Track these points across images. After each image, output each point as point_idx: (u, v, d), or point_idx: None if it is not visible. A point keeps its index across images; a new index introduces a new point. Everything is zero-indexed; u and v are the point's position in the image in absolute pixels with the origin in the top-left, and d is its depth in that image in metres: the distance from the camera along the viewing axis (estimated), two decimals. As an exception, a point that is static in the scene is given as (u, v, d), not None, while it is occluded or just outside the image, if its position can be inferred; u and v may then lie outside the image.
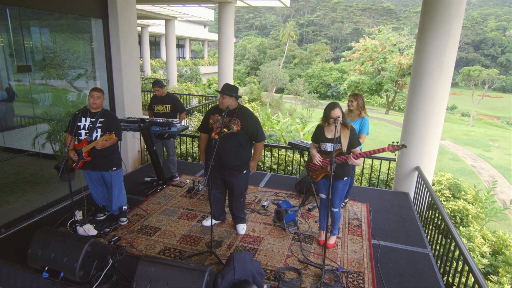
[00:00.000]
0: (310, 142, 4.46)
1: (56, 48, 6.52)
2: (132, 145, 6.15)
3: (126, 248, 3.39)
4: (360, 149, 3.39)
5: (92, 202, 4.14)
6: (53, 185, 5.49)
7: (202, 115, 9.86)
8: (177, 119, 4.77)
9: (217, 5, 10.74)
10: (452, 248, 3.33)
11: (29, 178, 5.98)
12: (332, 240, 3.59)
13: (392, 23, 54.50)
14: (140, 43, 24.81)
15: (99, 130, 3.65)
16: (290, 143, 4.50)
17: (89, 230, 3.59)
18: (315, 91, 37.09)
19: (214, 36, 34.16)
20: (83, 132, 3.65)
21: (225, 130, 3.36)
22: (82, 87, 6.36)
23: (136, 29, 6.11)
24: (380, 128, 22.20)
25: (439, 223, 3.89)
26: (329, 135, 3.30)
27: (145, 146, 5.89)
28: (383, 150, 3.21)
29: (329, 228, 3.71)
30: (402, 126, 5.17)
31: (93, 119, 3.63)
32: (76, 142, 3.75)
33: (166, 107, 4.97)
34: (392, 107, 34.09)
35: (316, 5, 72.60)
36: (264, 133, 3.64)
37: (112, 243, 3.46)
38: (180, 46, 32.93)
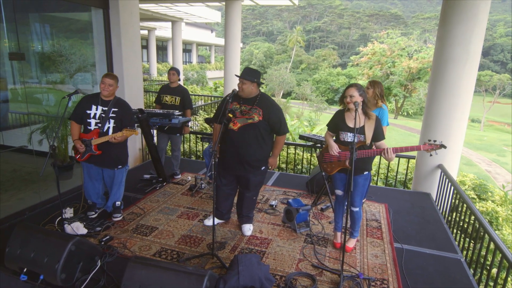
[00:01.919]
0: (322, 135, 4.09)
1: (60, 47, 6.29)
2: (132, 142, 5.82)
3: (117, 249, 3.02)
4: None
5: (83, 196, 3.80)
6: (49, 184, 5.21)
7: (208, 115, 9.54)
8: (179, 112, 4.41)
9: (223, 4, 10.52)
10: (484, 252, 2.92)
11: (25, 177, 5.73)
12: (351, 243, 3.18)
13: (400, 29, 54.09)
14: (147, 46, 24.81)
15: (111, 121, 3.30)
16: (301, 136, 4.12)
17: (78, 228, 3.23)
18: (322, 96, 36.67)
19: (221, 41, 34.10)
20: (93, 121, 3.30)
21: (230, 115, 2.98)
22: (87, 88, 6.11)
23: (138, 21, 5.82)
24: (389, 132, 21.68)
25: (468, 225, 3.46)
26: (351, 123, 2.89)
27: (146, 144, 5.57)
28: (418, 148, 2.78)
29: (347, 229, 3.31)
30: (423, 120, 4.77)
31: (106, 108, 3.29)
32: (82, 131, 3.41)
33: (175, 99, 4.62)
34: (400, 113, 33.49)
35: (323, 11, 72.58)
36: (287, 126, 3.26)
37: (102, 243, 3.10)
38: (187, 50, 32.93)
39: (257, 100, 3.11)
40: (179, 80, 4.70)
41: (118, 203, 3.60)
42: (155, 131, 5.23)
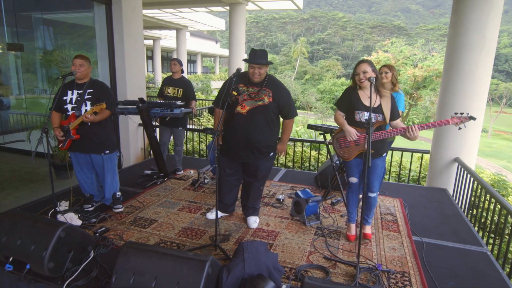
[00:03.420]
0: (332, 125, 3.87)
1: (67, 57, 6.25)
2: (134, 141, 5.66)
3: (113, 240, 2.80)
4: None
5: (80, 193, 3.59)
6: (47, 183, 5.08)
7: (211, 117, 9.38)
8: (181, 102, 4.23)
9: (227, 8, 10.53)
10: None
11: (23, 176, 5.65)
12: (368, 229, 2.93)
13: (404, 40, 54.26)
14: (152, 57, 25.04)
15: (88, 103, 3.13)
16: (309, 126, 3.90)
17: (71, 219, 3.01)
18: (327, 103, 36.45)
19: (225, 52, 34.28)
20: (69, 106, 3.12)
21: (234, 93, 2.77)
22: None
23: (141, 18, 5.73)
24: (396, 139, 21.32)
25: (492, 218, 3.21)
26: (367, 101, 2.67)
27: (148, 142, 5.39)
28: (446, 122, 2.53)
29: (358, 218, 3.06)
30: (436, 112, 4.55)
31: (81, 91, 3.12)
32: (63, 119, 3.24)
33: (178, 91, 4.45)
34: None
35: (326, 23, 73.23)
36: (296, 110, 3.09)
37: (97, 234, 2.87)
38: (192, 61, 33.18)
39: (265, 81, 2.92)
40: (182, 71, 4.54)
41: (118, 193, 3.41)
42: (157, 130, 5.07)
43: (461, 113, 2.50)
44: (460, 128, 2.53)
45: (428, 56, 30.90)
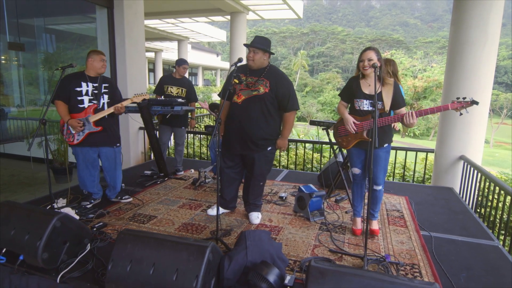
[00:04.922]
0: (335, 121, 3.81)
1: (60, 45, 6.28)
2: (135, 144, 5.60)
3: (111, 235, 2.71)
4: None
5: (79, 191, 3.51)
6: (45, 187, 5.03)
7: (212, 121, 9.36)
8: (182, 100, 4.18)
9: (228, 18, 10.65)
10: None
11: (22, 181, 5.61)
12: (375, 225, 2.83)
13: (403, 53, 54.77)
14: (154, 69, 25.30)
15: (105, 96, 3.17)
16: (311, 122, 3.83)
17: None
18: (328, 114, 36.50)
19: (226, 65, 34.65)
20: (86, 98, 3.10)
21: (235, 80, 2.72)
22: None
23: (142, 21, 5.77)
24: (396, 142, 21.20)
25: (502, 213, 3.11)
26: (367, 90, 2.63)
27: (148, 142, 5.34)
28: (445, 108, 2.44)
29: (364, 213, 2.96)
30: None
31: (96, 84, 3.14)
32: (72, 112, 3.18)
33: (181, 90, 4.39)
34: (407, 134, 33.05)
35: (325, 37, 74.22)
36: (298, 102, 3.02)
37: (94, 229, 2.78)
38: (193, 74, 33.47)
39: (265, 71, 2.87)
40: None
41: (123, 185, 3.49)
42: (157, 132, 5.01)
43: (463, 98, 2.41)
44: (461, 114, 2.43)
45: (428, 67, 31.13)
